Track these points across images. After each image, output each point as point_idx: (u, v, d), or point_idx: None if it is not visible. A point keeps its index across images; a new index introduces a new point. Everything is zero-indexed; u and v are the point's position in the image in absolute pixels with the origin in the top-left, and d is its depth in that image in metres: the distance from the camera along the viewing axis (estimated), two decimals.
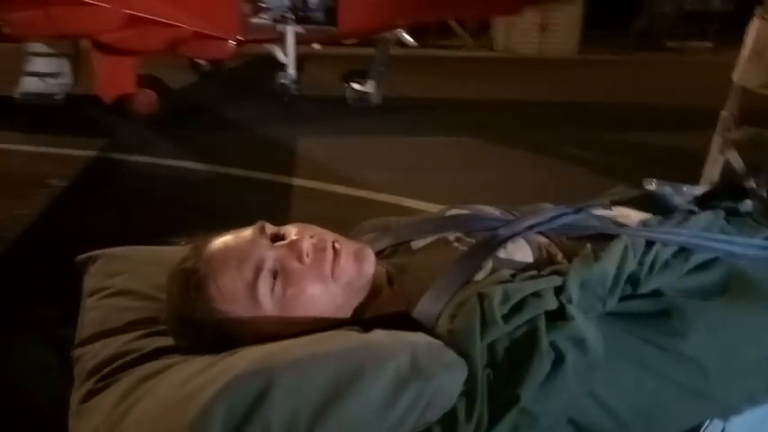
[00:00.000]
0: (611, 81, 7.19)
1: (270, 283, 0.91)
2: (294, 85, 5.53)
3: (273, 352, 0.82)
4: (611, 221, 1.09)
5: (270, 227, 0.97)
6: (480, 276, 0.95)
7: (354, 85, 6.12)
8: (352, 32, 5.99)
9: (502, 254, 0.99)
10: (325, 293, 0.93)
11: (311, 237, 0.95)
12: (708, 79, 3.78)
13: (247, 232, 0.96)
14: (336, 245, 0.95)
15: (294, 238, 0.95)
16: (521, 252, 1.00)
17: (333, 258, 0.94)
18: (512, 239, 1.01)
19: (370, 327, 0.88)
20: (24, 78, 5.78)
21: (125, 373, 0.93)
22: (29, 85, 5.78)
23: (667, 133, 5.06)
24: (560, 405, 0.85)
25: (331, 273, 0.93)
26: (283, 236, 0.96)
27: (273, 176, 4.25)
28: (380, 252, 1.07)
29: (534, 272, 0.94)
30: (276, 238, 0.96)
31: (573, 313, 0.87)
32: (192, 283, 0.92)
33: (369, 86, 6.07)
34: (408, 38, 6.05)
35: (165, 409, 0.80)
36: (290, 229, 0.97)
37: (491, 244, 1.00)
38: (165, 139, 5.04)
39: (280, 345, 0.84)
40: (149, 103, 5.42)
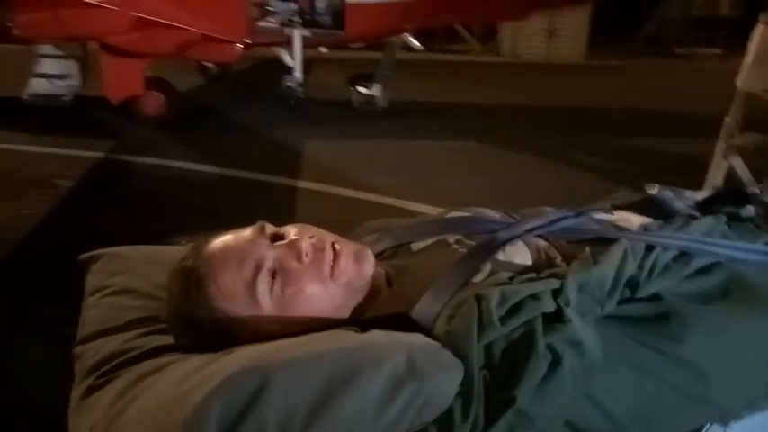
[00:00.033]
0: (618, 87, 7.17)
1: (269, 283, 0.92)
2: (301, 89, 5.56)
3: (270, 351, 0.82)
4: (611, 225, 1.09)
5: (270, 227, 0.98)
6: (479, 278, 0.95)
7: (361, 89, 6.12)
8: (359, 36, 6.02)
9: (501, 256, 0.99)
10: (324, 293, 0.93)
11: (310, 237, 0.95)
12: (716, 86, 3.76)
13: (247, 232, 0.96)
14: (336, 246, 0.96)
15: (293, 238, 0.95)
16: (519, 255, 1.00)
17: (332, 259, 0.94)
18: (511, 242, 1.01)
19: (368, 327, 0.89)
20: (33, 80, 5.81)
21: (124, 371, 0.93)
22: (37, 87, 5.81)
23: (675, 139, 5.05)
24: (556, 407, 0.85)
25: (330, 273, 0.94)
26: (283, 236, 0.97)
27: (280, 179, 4.25)
28: (380, 253, 1.07)
29: (533, 274, 0.94)
30: (276, 237, 0.96)
31: (570, 316, 0.87)
32: (192, 282, 0.93)
33: (375, 90, 6.08)
34: (415, 42, 6.08)
35: (161, 406, 0.81)
36: (290, 230, 0.97)
37: (490, 246, 1.00)
38: (172, 141, 5.05)
39: (276, 344, 0.85)
40: (157, 105, 5.44)
